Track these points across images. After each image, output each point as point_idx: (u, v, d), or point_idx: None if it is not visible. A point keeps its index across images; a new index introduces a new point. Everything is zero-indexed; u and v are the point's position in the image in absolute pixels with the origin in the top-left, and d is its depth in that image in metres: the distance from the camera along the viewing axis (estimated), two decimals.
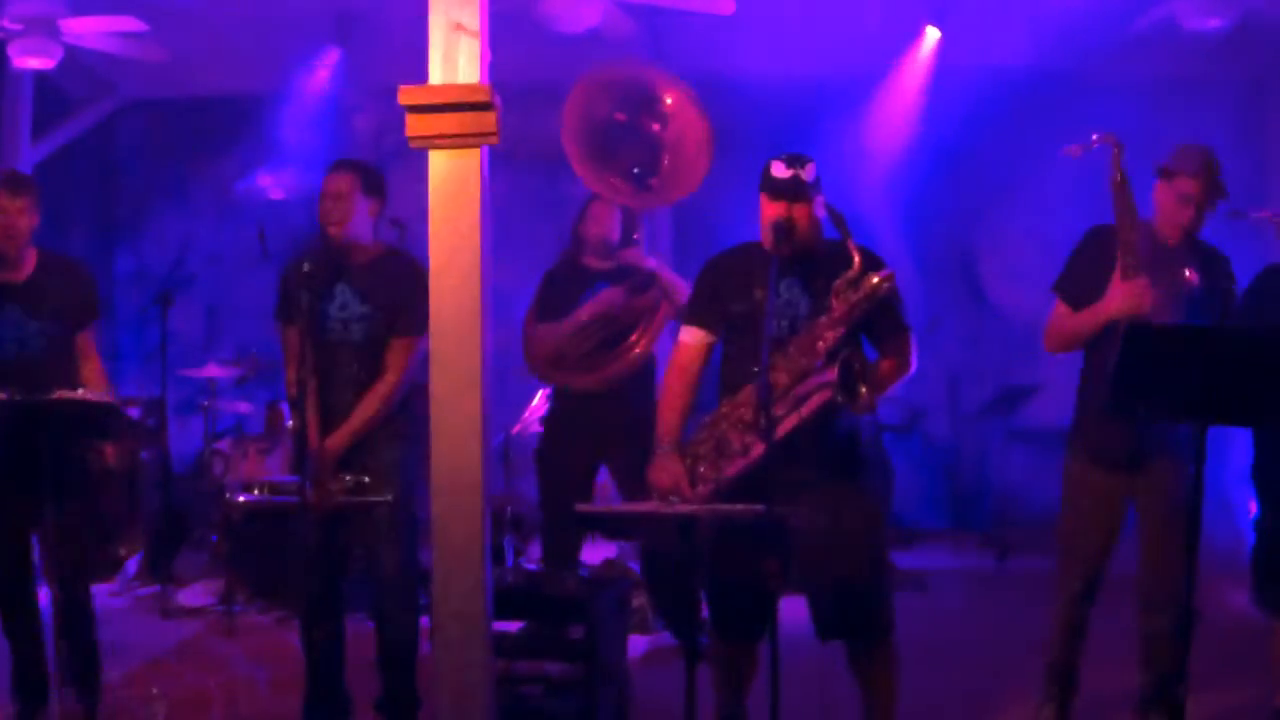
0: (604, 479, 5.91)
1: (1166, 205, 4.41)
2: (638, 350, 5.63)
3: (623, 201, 5.52)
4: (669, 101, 5.13)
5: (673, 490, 4.08)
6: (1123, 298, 4.30)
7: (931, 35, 7.49)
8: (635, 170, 5.25)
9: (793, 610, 3.95)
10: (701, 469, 4.11)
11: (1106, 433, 4.38)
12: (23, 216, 4.79)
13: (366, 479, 4.59)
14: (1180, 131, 5.98)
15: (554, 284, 5.80)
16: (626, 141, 5.20)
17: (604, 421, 5.62)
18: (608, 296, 5.61)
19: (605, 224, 5.70)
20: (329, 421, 4.66)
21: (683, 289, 5.50)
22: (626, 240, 5.73)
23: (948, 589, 7.19)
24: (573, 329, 5.63)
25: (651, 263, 5.66)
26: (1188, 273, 4.37)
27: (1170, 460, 4.36)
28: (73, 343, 4.84)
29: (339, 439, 4.61)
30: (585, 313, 5.62)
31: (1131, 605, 4.49)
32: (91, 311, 4.95)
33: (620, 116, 4.97)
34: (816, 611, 4.12)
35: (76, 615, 4.78)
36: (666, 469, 4.15)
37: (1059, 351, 4.61)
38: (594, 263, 5.76)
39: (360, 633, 4.88)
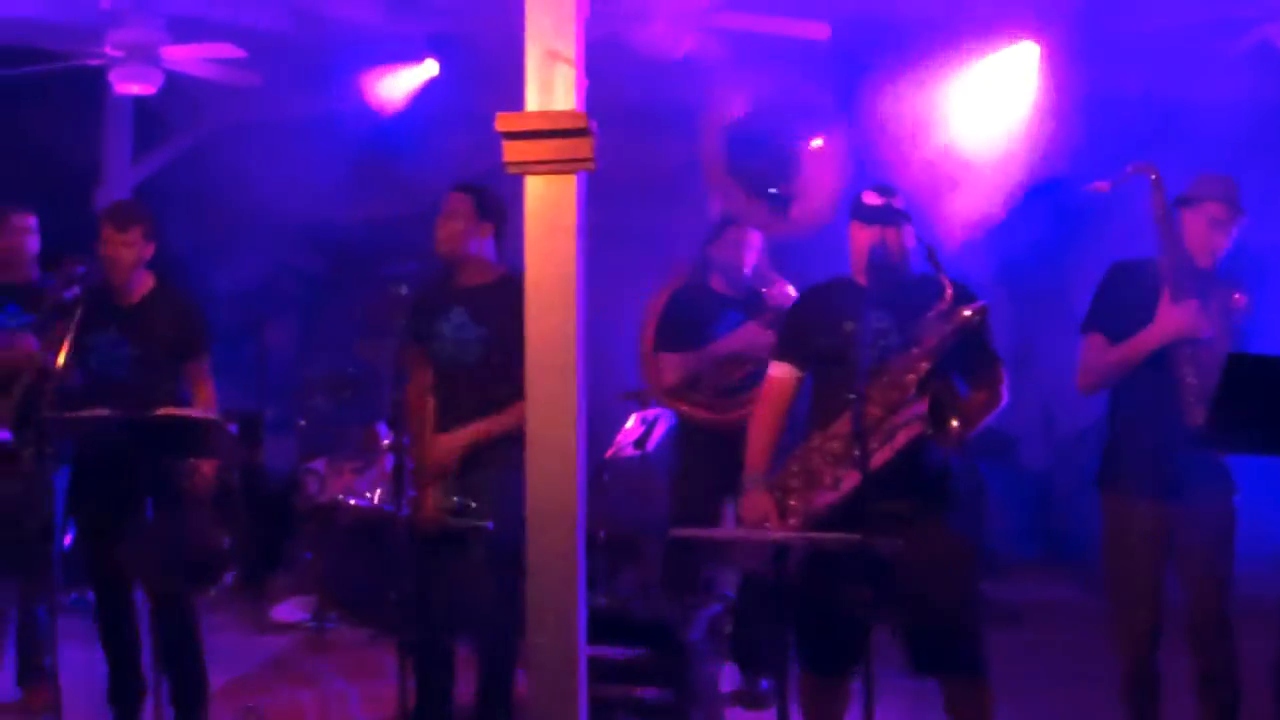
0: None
1: (1197, 231, 4.43)
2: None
3: (757, 225, 5.42)
4: (821, 141, 5.05)
5: (761, 524, 4.08)
6: (1176, 320, 4.29)
7: (1029, 54, 7.40)
8: (771, 191, 5.12)
9: (885, 646, 3.93)
10: (791, 501, 4.11)
11: (1144, 463, 4.35)
12: (129, 249, 4.96)
13: (473, 504, 4.63)
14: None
15: (680, 307, 5.68)
16: (767, 156, 5.09)
17: (733, 461, 5.52)
18: (750, 334, 5.47)
19: (739, 249, 5.59)
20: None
21: None
22: (761, 271, 5.62)
23: (1041, 622, 7.07)
24: (707, 361, 5.54)
25: (779, 299, 5.48)
26: (1236, 295, 4.38)
27: (1208, 488, 4.33)
28: (175, 372, 4.96)
29: (459, 438, 4.64)
30: (725, 346, 5.52)
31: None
32: (195, 346, 5.04)
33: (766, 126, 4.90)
34: (909, 644, 4.10)
35: (179, 635, 4.90)
36: (755, 503, 4.16)
37: (1097, 388, 4.58)
38: (722, 287, 5.66)
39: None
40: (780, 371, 4.32)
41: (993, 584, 6.35)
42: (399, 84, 7.89)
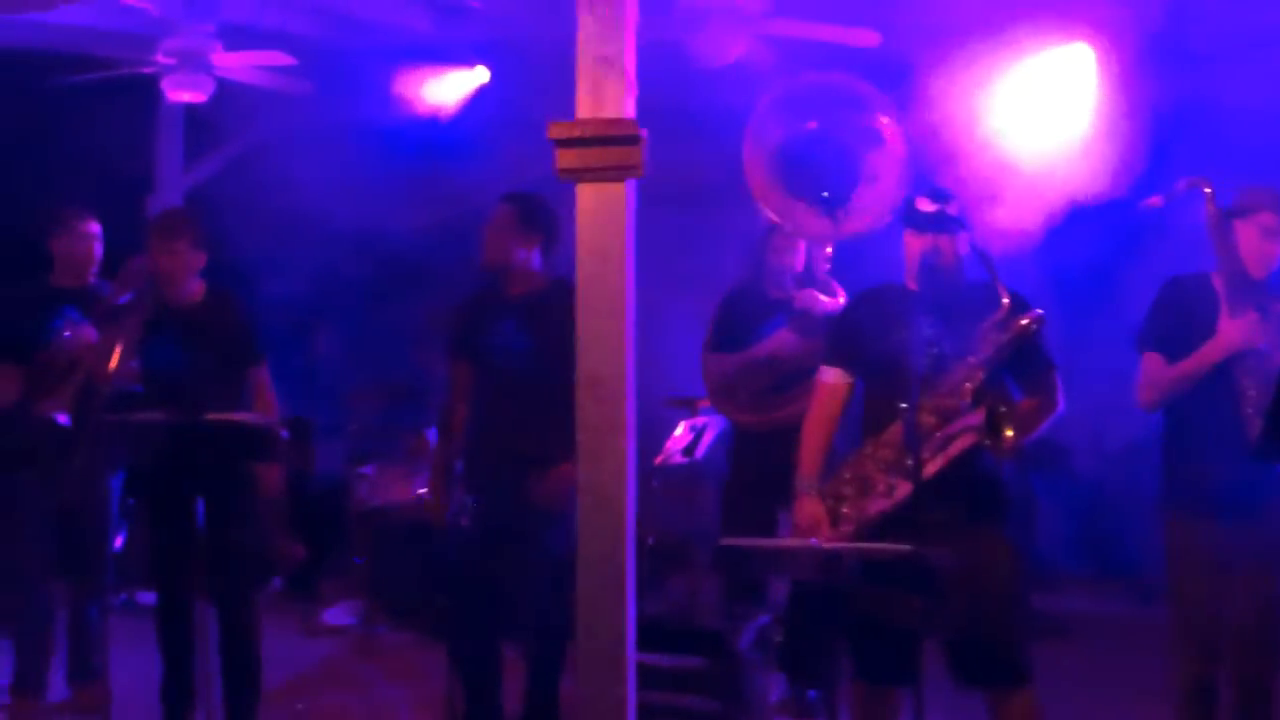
0: None
1: (1250, 242, 4.41)
2: (802, 400, 5.46)
3: (804, 232, 5.37)
4: (883, 121, 4.97)
5: (813, 530, 4.07)
6: (1237, 333, 4.27)
7: (1084, 58, 7.36)
8: (825, 194, 5.04)
9: (936, 654, 3.91)
10: (844, 509, 4.09)
11: (1205, 480, 4.31)
12: (175, 258, 5.04)
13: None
14: None
15: (731, 311, 5.70)
16: (817, 158, 5.05)
17: (781, 464, 5.51)
18: (780, 339, 5.47)
19: (787, 253, 5.58)
20: (487, 446, 4.75)
21: None
22: (816, 276, 5.63)
23: (1090, 635, 7.00)
24: (743, 364, 5.54)
25: (823, 304, 5.44)
26: None
27: (1270, 503, 4.27)
28: (230, 377, 5.02)
29: None
30: (758, 351, 5.51)
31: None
32: (248, 353, 5.11)
33: (814, 125, 4.86)
34: (953, 657, 4.07)
35: (239, 638, 4.95)
36: (806, 509, 4.15)
37: (1157, 406, 4.54)
38: (775, 292, 5.63)
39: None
40: (831, 377, 4.31)
41: (1041, 596, 6.28)
42: (450, 90, 7.94)
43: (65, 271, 5.62)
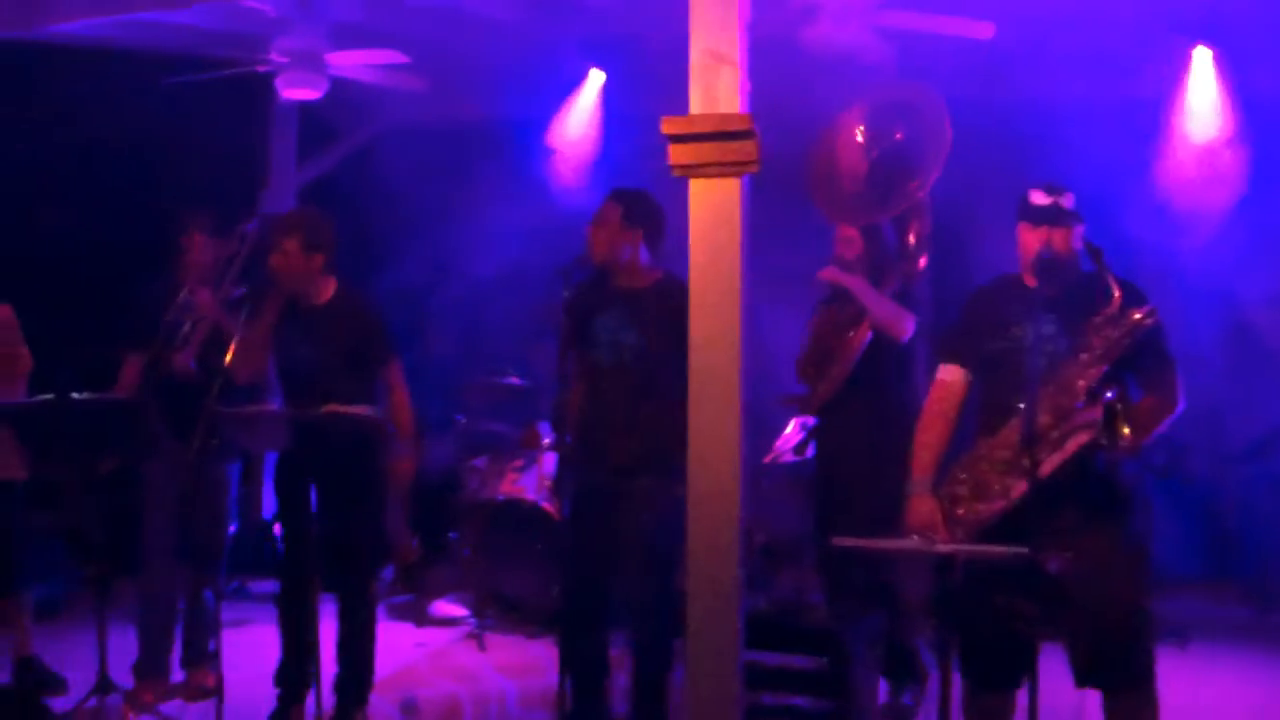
0: None
1: None
2: (829, 378, 5.38)
3: (846, 220, 5.38)
4: (925, 109, 5.01)
5: (927, 531, 4.02)
6: None
7: (1202, 57, 7.19)
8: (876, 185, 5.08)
9: (1053, 660, 3.84)
10: (959, 511, 4.03)
11: None
12: (286, 259, 5.11)
13: None
14: None
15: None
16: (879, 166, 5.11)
17: (833, 447, 5.47)
18: (817, 321, 5.49)
19: (843, 245, 5.53)
20: (596, 439, 4.78)
21: (875, 304, 5.19)
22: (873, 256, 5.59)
23: (1206, 640, 6.84)
24: (805, 355, 5.57)
25: (826, 276, 5.39)
26: None
27: None
28: (359, 374, 5.09)
29: None
30: (808, 339, 5.54)
31: None
32: (378, 352, 5.20)
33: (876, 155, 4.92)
34: (1074, 657, 4.00)
35: (356, 628, 5.05)
36: (921, 510, 4.10)
37: None
38: None
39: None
40: (949, 374, 4.25)
41: (1157, 599, 6.11)
42: (578, 113, 8.08)
43: (187, 273, 5.73)
